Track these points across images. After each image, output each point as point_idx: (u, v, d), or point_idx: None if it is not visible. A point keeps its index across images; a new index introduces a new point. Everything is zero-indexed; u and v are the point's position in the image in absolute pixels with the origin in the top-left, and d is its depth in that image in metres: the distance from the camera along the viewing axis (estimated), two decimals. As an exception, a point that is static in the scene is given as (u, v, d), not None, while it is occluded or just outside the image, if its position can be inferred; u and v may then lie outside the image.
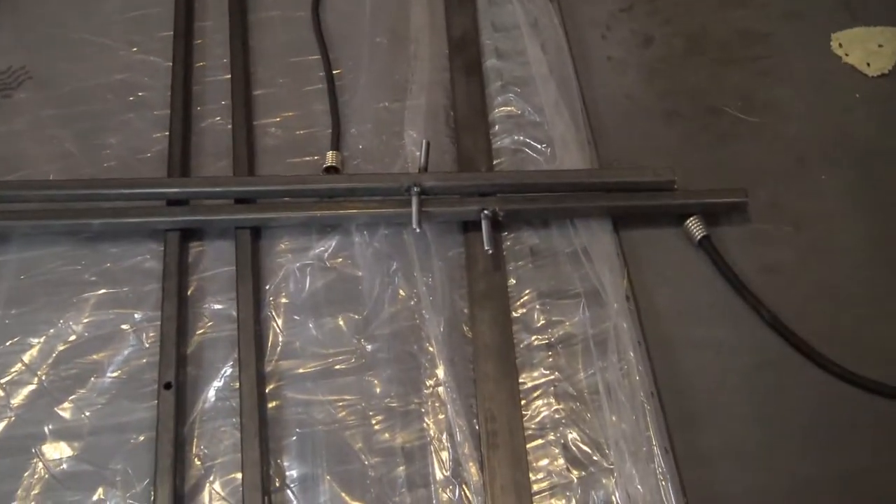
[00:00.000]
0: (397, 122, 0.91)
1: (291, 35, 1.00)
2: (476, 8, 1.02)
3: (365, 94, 0.94)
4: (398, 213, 0.81)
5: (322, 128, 0.91)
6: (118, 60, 0.97)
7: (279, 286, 0.80)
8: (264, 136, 0.91)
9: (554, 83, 0.92)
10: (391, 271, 0.80)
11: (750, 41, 0.99)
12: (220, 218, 0.83)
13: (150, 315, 0.78)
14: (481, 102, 0.93)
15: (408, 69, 0.95)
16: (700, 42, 0.99)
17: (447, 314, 0.77)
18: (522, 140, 0.90)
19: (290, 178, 0.86)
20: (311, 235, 0.83)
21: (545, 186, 0.83)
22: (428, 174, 0.82)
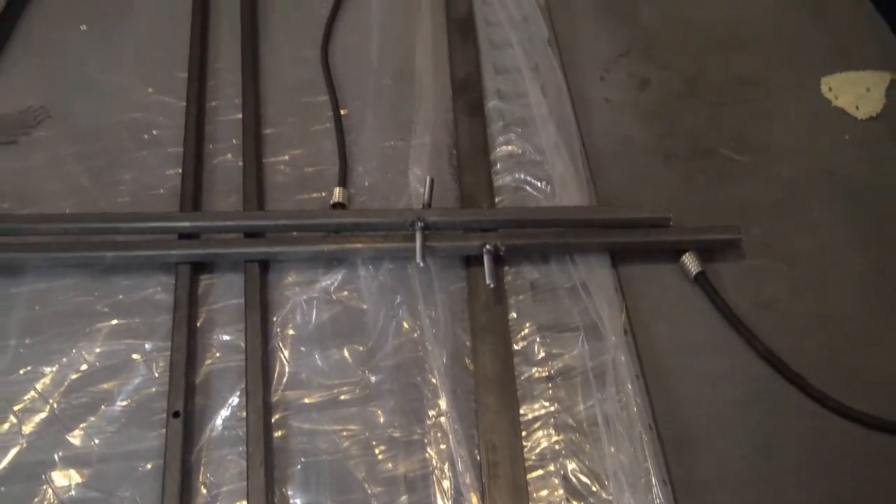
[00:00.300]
0: (402, 161, 0.94)
1: (301, 76, 1.04)
2: (478, 51, 1.06)
3: (371, 133, 0.97)
4: (402, 247, 0.84)
5: (329, 165, 0.95)
6: (134, 100, 1.01)
7: (286, 318, 0.82)
8: (273, 174, 0.95)
9: (554, 124, 0.95)
10: (395, 304, 0.82)
11: (744, 85, 1.03)
12: (230, 251, 0.86)
13: (161, 345, 0.80)
14: (483, 142, 0.96)
15: (413, 109, 0.99)
16: (696, 85, 1.04)
17: (450, 346, 0.79)
18: (523, 178, 0.93)
19: (298, 213, 0.90)
20: (318, 269, 0.85)
21: (545, 222, 0.87)
22: (431, 210, 0.85)
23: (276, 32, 1.09)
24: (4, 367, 0.79)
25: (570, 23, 1.10)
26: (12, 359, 0.80)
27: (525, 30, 1.06)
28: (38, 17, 1.12)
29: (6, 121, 0.99)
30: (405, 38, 1.07)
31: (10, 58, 1.06)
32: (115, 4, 1.12)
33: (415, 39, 1.06)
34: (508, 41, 1.06)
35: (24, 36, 1.09)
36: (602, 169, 0.94)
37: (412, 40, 1.06)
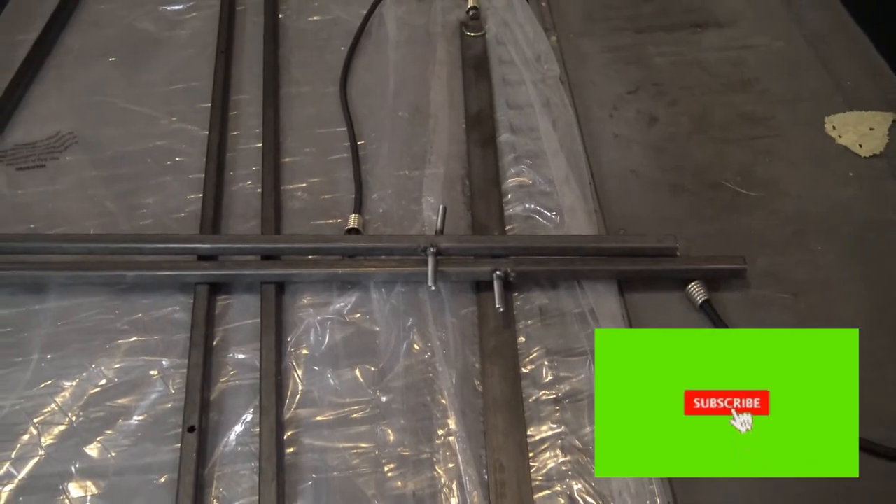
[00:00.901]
0: (416, 189, 0.97)
1: (319, 108, 1.10)
2: (492, 87, 1.11)
3: (386, 163, 1.01)
4: (415, 272, 0.86)
5: (345, 193, 0.99)
6: (159, 128, 1.07)
7: (300, 338, 0.85)
8: (291, 200, 0.99)
9: (564, 157, 0.99)
10: (407, 327, 0.84)
11: (750, 122, 1.07)
12: (247, 273, 0.89)
13: (178, 363, 0.83)
14: (495, 173, 1.00)
15: (427, 141, 1.03)
16: (703, 122, 1.07)
17: (459, 368, 0.81)
18: (533, 208, 0.96)
19: (314, 237, 0.93)
20: (332, 291, 0.88)
21: (554, 250, 0.89)
22: (444, 237, 0.88)
23: (297, 69, 1.15)
24: (26, 381, 0.82)
25: (581, 63, 1.15)
26: (34, 373, 0.83)
27: (537, 68, 1.11)
28: (69, 49, 1.19)
29: (37, 146, 1.04)
30: (421, 75, 1.12)
31: (42, 86, 1.13)
32: (142, 39, 1.20)
33: (430, 77, 1.12)
34: (521, 79, 1.10)
35: (56, 65, 1.16)
36: (610, 200, 0.97)
37: (427, 78, 1.11)
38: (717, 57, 1.15)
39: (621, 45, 1.18)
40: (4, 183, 1.00)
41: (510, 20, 1.18)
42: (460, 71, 1.14)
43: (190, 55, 1.16)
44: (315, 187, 1.00)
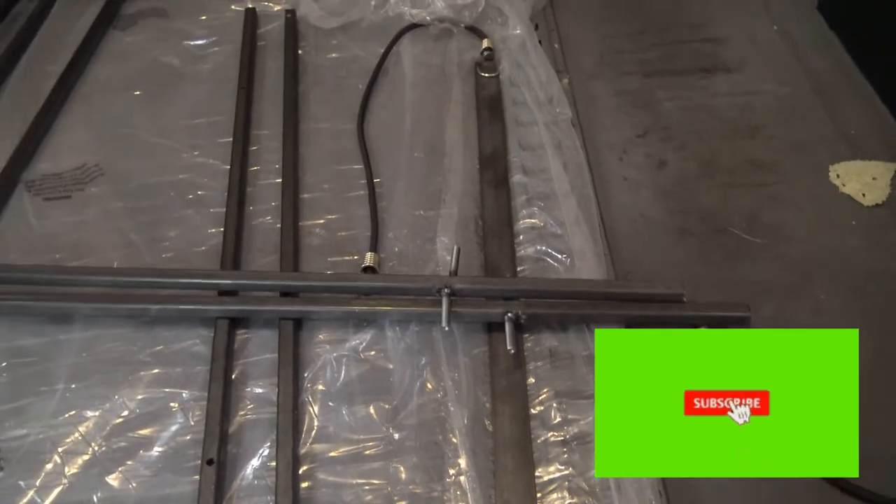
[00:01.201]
0: (431, 229, 0.99)
1: (337, 145, 1.12)
2: (505, 127, 1.14)
3: (402, 202, 1.03)
4: (429, 312, 0.88)
5: (362, 230, 1.01)
6: (181, 162, 1.09)
7: (317, 374, 0.87)
8: (309, 236, 1.01)
9: (574, 199, 1.01)
10: (420, 365, 0.86)
11: (757, 168, 1.10)
12: (266, 309, 0.91)
13: (197, 395, 0.85)
14: (508, 214, 1.02)
15: (442, 180, 1.05)
16: (711, 167, 1.10)
17: (471, 408, 0.82)
18: (544, 250, 0.98)
19: (331, 275, 0.96)
20: (348, 329, 0.90)
21: (564, 294, 0.90)
22: (458, 278, 0.89)
23: (316, 105, 1.18)
24: (51, 410, 0.84)
25: (592, 106, 1.18)
26: (59, 402, 0.85)
27: (549, 110, 1.14)
28: (95, 80, 1.22)
29: (63, 177, 1.07)
30: (436, 115, 1.15)
31: (69, 118, 1.15)
32: (167, 73, 1.22)
33: (445, 116, 1.14)
34: (534, 120, 1.13)
35: (83, 97, 1.19)
36: (619, 243, 1.00)
37: (443, 117, 1.14)
38: (724, 102, 1.18)
39: (631, 88, 1.21)
40: (32, 213, 1.02)
41: (524, 62, 1.20)
42: (475, 111, 1.17)
43: (212, 89, 1.19)
44: (332, 224, 1.02)
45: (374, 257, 0.95)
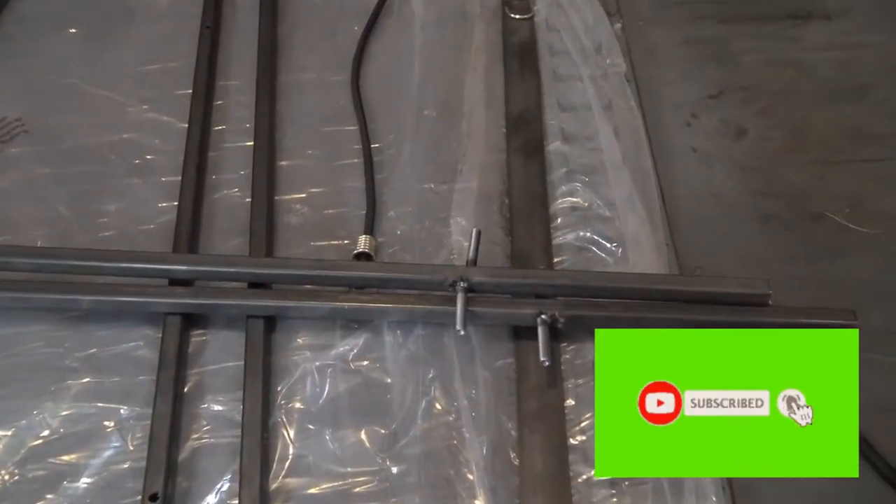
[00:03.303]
0: (443, 207, 0.98)
1: (326, 101, 1.10)
2: (540, 83, 1.12)
3: (407, 173, 1.02)
4: (439, 311, 0.87)
5: (355, 208, 0.99)
6: (126, 117, 1.08)
7: (293, 388, 0.85)
8: (287, 214, 0.99)
9: (628, 174, 0.99)
10: (427, 379, 0.85)
11: (861, 141, 1.08)
12: (230, 303, 0.90)
13: (139, 412, 0.83)
14: (542, 190, 1.01)
15: (458, 147, 1.04)
16: (802, 138, 1.08)
17: (491, 435, 0.81)
18: (588, 237, 0.97)
19: (315, 262, 0.93)
20: (335, 331, 0.89)
21: (614, 292, 0.89)
22: (477, 268, 0.88)
23: (300, 51, 1.16)
24: (-50, 427, 0.83)
25: (651, 57, 1.16)
26: (-40, 417, 0.83)
27: (598, 62, 1.12)
28: (20, 16, 1.19)
29: (-24, 134, 1.05)
30: (453, 64, 1.13)
31: (-15, 62, 1.14)
32: (112, 7, 1.20)
33: (464, 66, 1.13)
34: (577, 74, 1.11)
35: (3, 37, 1.17)
36: (685, 230, 0.98)
37: (461, 68, 1.12)
38: (820, 57, 1.16)
39: (702, 37, 1.19)
40: (-65, 177, 1.01)
41: (565, 1, 1.19)
42: (501, 62, 1.15)
43: (169, 28, 1.17)
44: (317, 199, 1.01)
45: (369, 241, 0.94)
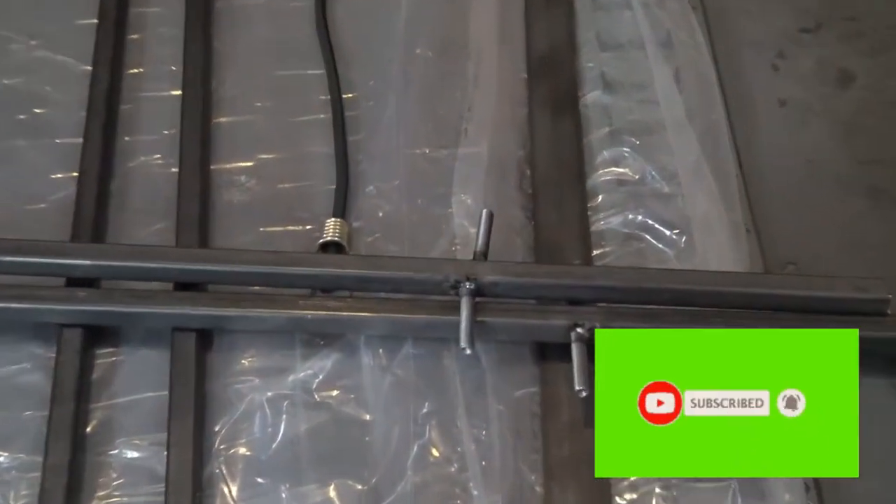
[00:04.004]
0: (442, 180, 0.98)
1: (280, 36, 1.10)
2: (573, 13, 1.12)
3: (393, 134, 1.02)
4: (437, 322, 0.88)
5: (321, 181, 0.99)
6: (9, 58, 1.07)
7: (237, 428, 0.85)
8: (228, 188, 0.99)
9: (695, 134, 0.99)
10: (420, 416, 0.85)
11: None
12: (150, 311, 0.89)
13: (26, 460, 0.82)
14: (577, 158, 1.00)
15: (463, 99, 1.04)
16: (927, 87, 1.09)
17: (508, 492, 0.81)
18: (640, 221, 0.97)
19: (266, 255, 0.92)
20: (294, 350, 0.89)
21: (674, 296, 0.89)
22: (488, 264, 0.88)
23: (246, -35, 1.16)
24: None
25: (725, -25, 1.16)
26: None
27: (651, -18, 1.12)
28: None
29: None
30: (455, -12, 1.14)
31: None
32: None
33: (470, -10, 1.13)
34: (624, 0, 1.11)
35: None
36: (773, 210, 0.98)
37: (466, -8, 1.13)
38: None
39: (794, -52, 1.19)
40: None
41: None
42: (520, -15, 1.15)
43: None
44: (269, 169, 1.01)
45: (341, 227, 0.95)
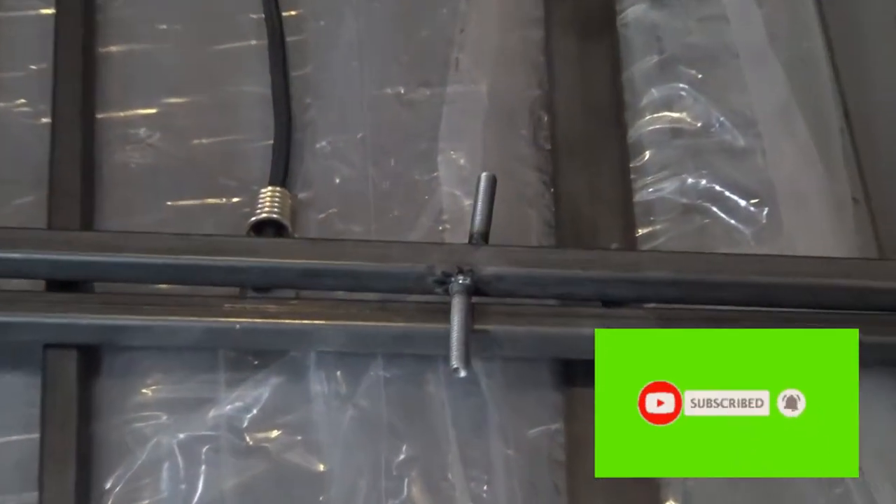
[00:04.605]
0: (424, 132, 0.99)
1: None
2: None
3: (353, 67, 1.02)
4: (416, 332, 0.89)
5: (253, 135, 1.01)
6: None
7: (136, 484, 0.86)
8: (122, 147, 1.00)
9: (780, 66, 1.00)
10: (395, 464, 0.86)
11: None
12: (11, 320, 0.89)
13: None
14: (613, 99, 1.01)
15: (452, 18, 1.05)
16: None
17: None
18: (704, 187, 0.98)
19: (176, 240, 0.91)
20: (217, 373, 0.90)
21: (754, 292, 0.90)
22: (489, 250, 0.89)
23: None
24: None
25: None
26: None
27: None
28: None
29: None
30: None
31: None
32: None
33: None
34: None
35: None
36: (890, 175, 0.99)
37: None
38: None
39: None
40: None
41: None
42: None
43: None
44: (180, 118, 1.02)
45: (281, 199, 0.96)
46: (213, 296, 0.91)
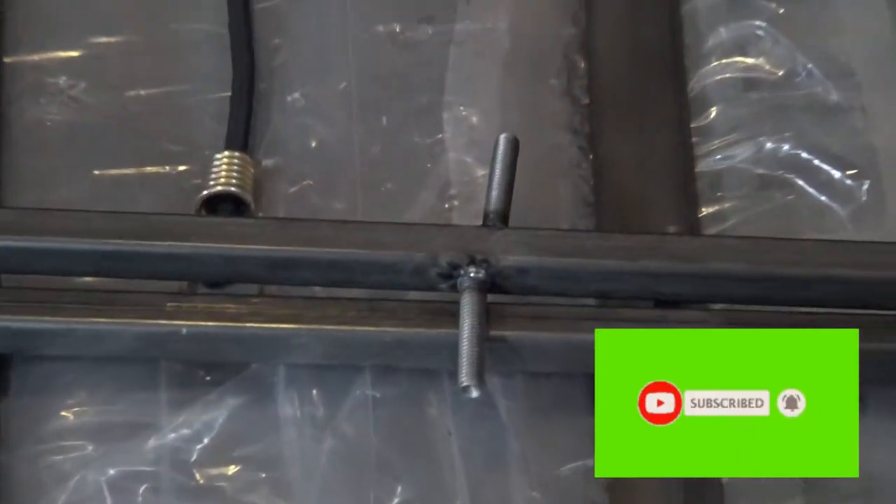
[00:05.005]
0: (425, 83, 0.99)
1: None
2: None
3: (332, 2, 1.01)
4: (415, 338, 0.89)
5: (206, 85, 1.00)
6: None
7: None
8: (37, 100, 0.99)
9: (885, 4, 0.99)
10: None
11: None
12: None
13: None
14: (669, 40, 1.00)
15: None
16: None
17: None
18: (787, 153, 0.97)
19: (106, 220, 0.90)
20: (158, 391, 0.90)
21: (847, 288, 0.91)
22: (508, 233, 0.88)
23: None
24: None
25: None
26: None
27: None
28: None
29: None
30: None
31: None
32: None
33: None
34: None
35: None
36: None
37: None
38: None
39: None
40: None
41: None
42: None
43: None
44: (113, 64, 1.01)
45: (241, 167, 0.95)
46: (152, 292, 0.90)
